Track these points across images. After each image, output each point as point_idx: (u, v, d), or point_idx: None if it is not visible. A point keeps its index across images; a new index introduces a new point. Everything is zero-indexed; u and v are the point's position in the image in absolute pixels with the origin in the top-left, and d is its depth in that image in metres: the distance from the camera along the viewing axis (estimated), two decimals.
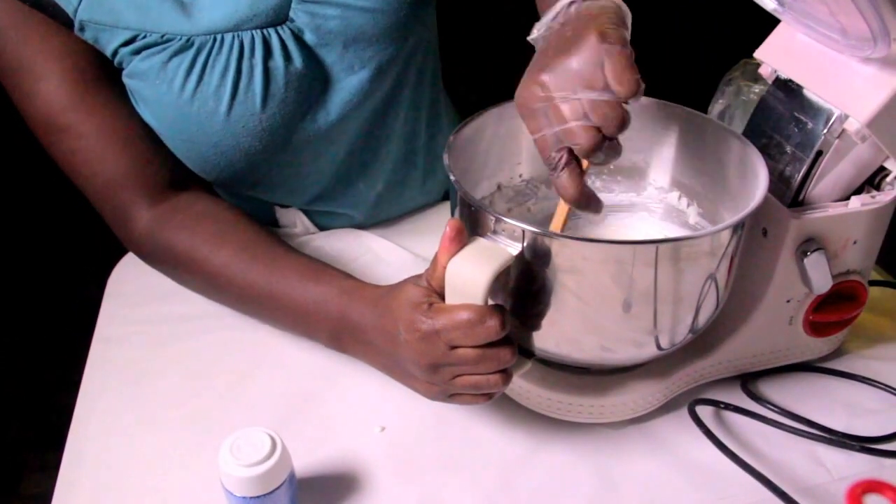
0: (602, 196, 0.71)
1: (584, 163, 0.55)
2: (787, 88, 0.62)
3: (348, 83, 0.73)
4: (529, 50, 0.59)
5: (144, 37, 0.66)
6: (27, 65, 0.66)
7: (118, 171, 0.69)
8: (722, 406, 0.65)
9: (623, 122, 0.51)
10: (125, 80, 0.69)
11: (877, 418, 0.65)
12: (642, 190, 0.72)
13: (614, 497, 0.60)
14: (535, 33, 0.59)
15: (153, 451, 0.64)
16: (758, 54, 0.64)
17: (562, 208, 0.58)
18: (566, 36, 0.53)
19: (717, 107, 0.76)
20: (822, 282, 0.61)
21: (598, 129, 0.51)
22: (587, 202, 0.55)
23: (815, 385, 0.69)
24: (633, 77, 0.50)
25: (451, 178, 0.58)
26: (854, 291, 0.65)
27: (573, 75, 0.51)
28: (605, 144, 0.52)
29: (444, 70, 0.88)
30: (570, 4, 0.56)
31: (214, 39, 0.67)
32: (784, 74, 0.62)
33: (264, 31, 0.68)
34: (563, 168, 0.53)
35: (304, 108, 0.72)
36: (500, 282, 0.53)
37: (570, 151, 0.53)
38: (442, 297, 0.54)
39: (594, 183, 0.73)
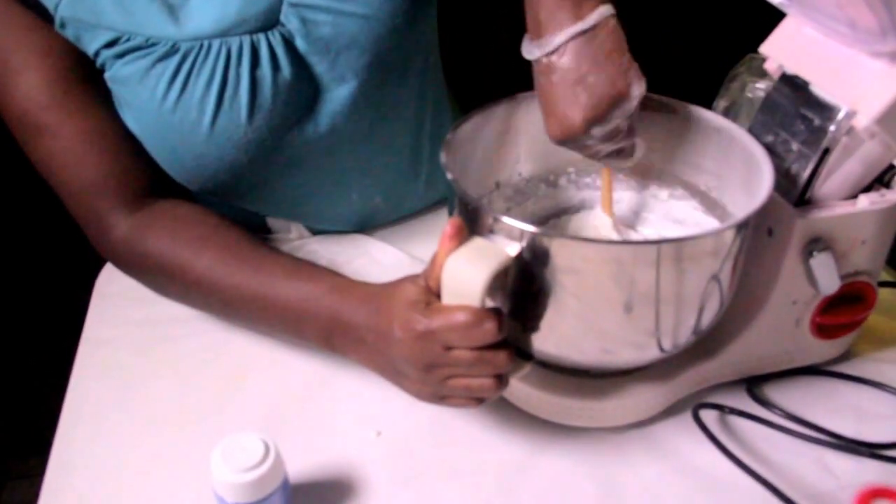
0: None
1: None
2: (794, 84, 0.61)
3: (339, 93, 0.70)
4: None
5: (128, 39, 0.65)
6: (5, 57, 0.65)
7: (96, 177, 0.67)
8: (727, 410, 0.64)
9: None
10: (108, 84, 0.67)
11: (887, 423, 0.64)
12: (645, 188, 0.72)
13: None
14: (538, 52, 0.56)
15: (142, 457, 0.63)
16: (763, 49, 0.64)
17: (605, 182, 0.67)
18: None
19: (721, 103, 0.76)
20: (829, 283, 0.60)
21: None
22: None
23: (822, 389, 0.68)
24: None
25: (449, 176, 0.57)
26: (862, 293, 0.64)
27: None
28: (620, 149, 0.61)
29: (449, 71, 0.86)
30: (573, 37, 0.55)
31: (201, 46, 0.65)
32: (790, 70, 0.61)
33: (253, 37, 0.66)
34: None
35: (293, 120, 0.70)
36: (498, 282, 0.52)
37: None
38: (439, 296, 0.53)
39: (595, 181, 0.73)
